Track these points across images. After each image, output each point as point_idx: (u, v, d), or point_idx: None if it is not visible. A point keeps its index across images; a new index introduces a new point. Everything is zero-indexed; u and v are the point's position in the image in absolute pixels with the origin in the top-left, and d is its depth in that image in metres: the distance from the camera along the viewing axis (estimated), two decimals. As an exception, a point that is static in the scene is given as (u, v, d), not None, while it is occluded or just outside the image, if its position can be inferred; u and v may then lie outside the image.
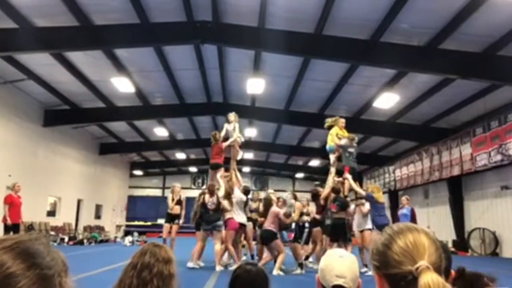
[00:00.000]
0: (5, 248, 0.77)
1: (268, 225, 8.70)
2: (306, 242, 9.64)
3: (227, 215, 9.21)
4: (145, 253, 1.83)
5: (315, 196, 10.08)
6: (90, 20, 10.25)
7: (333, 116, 10.62)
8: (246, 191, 9.65)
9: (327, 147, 10.03)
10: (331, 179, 9.82)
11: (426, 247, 1.02)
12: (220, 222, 9.07)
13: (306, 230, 9.68)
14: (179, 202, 10.38)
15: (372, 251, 1.10)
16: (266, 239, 8.65)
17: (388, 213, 16.38)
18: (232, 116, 10.66)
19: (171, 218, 10.25)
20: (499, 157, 12.65)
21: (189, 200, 11.50)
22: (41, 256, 0.79)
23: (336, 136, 9.73)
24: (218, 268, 8.63)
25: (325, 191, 9.63)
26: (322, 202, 9.68)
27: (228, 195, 9.35)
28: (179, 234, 10.79)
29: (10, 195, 9.88)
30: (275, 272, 8.22)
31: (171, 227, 10.16)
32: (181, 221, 10.38)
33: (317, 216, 9.72)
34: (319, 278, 1.75)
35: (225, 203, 9.13)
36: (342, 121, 10.02)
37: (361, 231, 9.28)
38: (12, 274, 0.73)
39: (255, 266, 2.14)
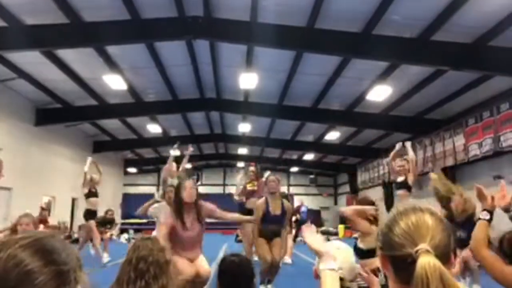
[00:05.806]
0: (23, 246, 0.79)
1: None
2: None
3: None
4: (138, 247, 1.87)
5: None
6: (80, 17, 10.15)
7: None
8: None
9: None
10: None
11: (429, 228, 0.99)
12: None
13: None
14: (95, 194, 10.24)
15: (378, 232, 1.12)
16: None
17: (383, 205, 16.43)
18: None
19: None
20: (491, 147, 12.75)
21: None
22: (57, 253, 0.82)
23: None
24: None
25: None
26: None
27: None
28: None
29: None
30: None
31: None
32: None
33: None
34: (316, 269, 1.76)
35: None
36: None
37: None
38: (31, 271, 0.77)
39: (239, 256, 2.26)
